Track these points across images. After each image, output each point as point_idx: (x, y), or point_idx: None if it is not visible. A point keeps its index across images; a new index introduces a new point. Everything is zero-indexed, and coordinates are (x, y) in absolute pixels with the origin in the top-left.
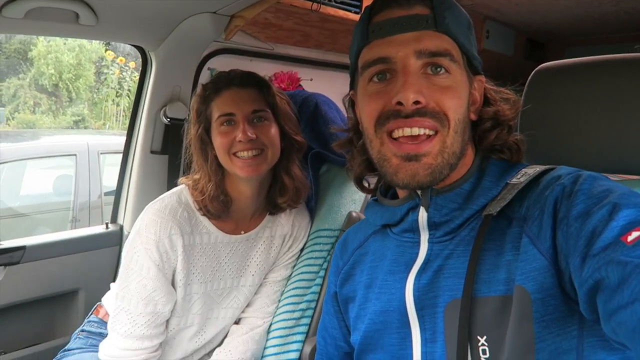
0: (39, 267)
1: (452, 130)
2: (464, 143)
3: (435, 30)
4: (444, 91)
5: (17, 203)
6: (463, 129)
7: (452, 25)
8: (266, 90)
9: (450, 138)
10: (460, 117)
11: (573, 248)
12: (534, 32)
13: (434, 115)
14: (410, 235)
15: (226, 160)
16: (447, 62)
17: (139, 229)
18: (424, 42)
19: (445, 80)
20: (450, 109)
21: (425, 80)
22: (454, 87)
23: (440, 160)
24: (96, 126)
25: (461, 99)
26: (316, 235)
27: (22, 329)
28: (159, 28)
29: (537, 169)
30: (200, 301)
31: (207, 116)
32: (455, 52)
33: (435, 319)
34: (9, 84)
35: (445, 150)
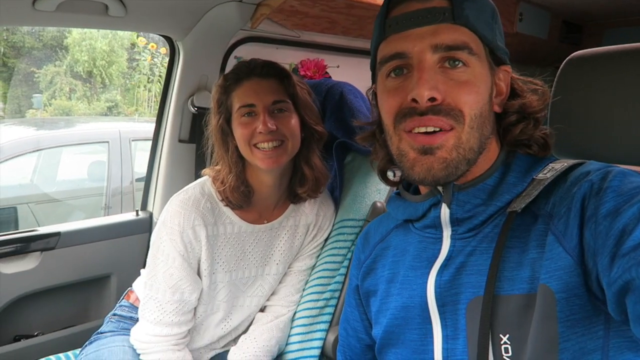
0: (73, 253)
1: (467, 126)
2: (483, 138)
3: (452, 23)
4: (461, 86)
5: (54, 188)
6: (481, 124)
7: (472, 16)
8: (287, 80)
9: (465, 134)
10: (477, 112)
11: (602, 247)
12: (570, 14)
13: (448, 112)
14: (432, 231)
15: (247, 151)
16: (465, 56)
17: (164, 220)
18: (441, 35)
19: (463, 75)
20: (466, 105)
21: (442, 74)
22: (472, 81)
23: (455, 155)
24: (128, 112)
25: (479, 94)
26: (340, 225)
27: (58, 311)
28: (186, 18)
29: (564, 164)
30: (225, 289)
31: (227, 107)
32: (474, 44)
33: (457, 316)
34: (45, 71)
35: (461, 146)
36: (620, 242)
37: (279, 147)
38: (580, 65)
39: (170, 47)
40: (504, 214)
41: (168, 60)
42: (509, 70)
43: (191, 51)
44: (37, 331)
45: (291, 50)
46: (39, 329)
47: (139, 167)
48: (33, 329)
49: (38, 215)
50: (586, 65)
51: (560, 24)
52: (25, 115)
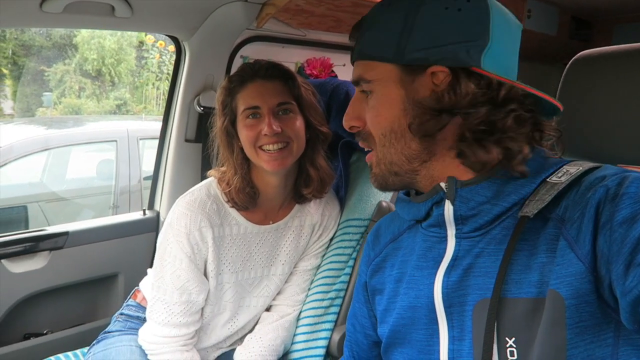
0: (81, 252)
1: (379, 145)
2: (408, 150)
3: (356, 60)
4: (368, 112)
5: (64, 187)
6: (397, 138)
7: (368, 46)
8: (291, 82)
9: (380, 151)
10: (385, 131)
11: (616, 255)
12: (580, 10)
13: (365, 138)
14: (437, 230)
15: (252, 153)
16: (365, 86)
17: (171, 222)
18: (352, 73)
19: (370, 101)
20: (372, 127)
21: (365, 103)
22: (374, 105)
23: (378, 170)
24: (137, 110)
25: (382, 115)
26: (346, 225)
27: (66, 310)
28: (191, 18)
29: (579, 167)
30: (231, 290)
31: (232, 108)
32: (371, 72)
33: (464, 318)
34: (55, 69)
35: (381, 161)
36: (636, 250)
37: (284, 148)
38: (587, 65)
39: (177, 47)
40: (514, 217)
41: (174, 60)
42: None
43: (197, 51)
44: (46, 329)
45: (297, 49)
46: (48, 327)
47: (147, 166)
48: (42, 328)
49: (48, 213)
50: (593, 65)
51: (569, 20)
52: (36, 113)
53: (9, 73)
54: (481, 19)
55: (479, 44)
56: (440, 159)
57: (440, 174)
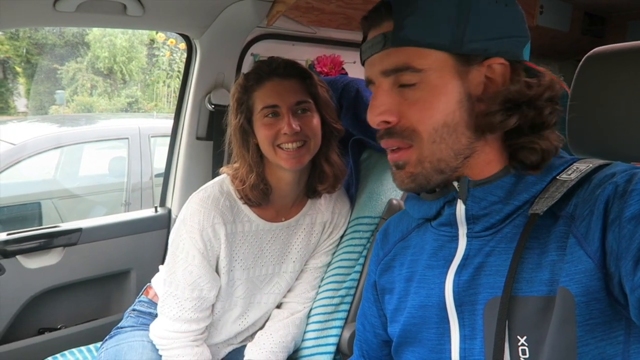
0: (94, 248)
1: (427, 142)
2: (458, 145)
3: (394, 46)
4: (412, 105)
5: (76, 184)
6: (449, 133)
7: (414, 31)
8: (309, 80)
9: (427, 148)
10: (437, 125)
11: (625, 251)
12: (593, 5)
13: (401, 134)
14: (448, 229)
15: (270, 152)
16: (410, 76)
17: (184, 218)
18: (385, 61)
19: (415, 93)
20: (419, 122)
21: (398, 95)
22: (424, 97)
23: (420, 169)
24: (148, 107)
25: (434, 108)
26: (356, 223)
27: (80, 305)
28: (202, 16)
29: (589, 164)
30: (243, 286)
31: (249, 106)
32: (421, 59)
33: (475, 316)
34: (67, 67)
35: (425, 160)
36: None
37: (302, 147)
38: (601, 62)
39: (188, 45)
40: (524, 215)
41: (185, 58)
42: (503, 62)
43: (208, 49)
44: (60, 324)
45: (307, 47)
46: (62, 322)
47: (158, 163)
48: (56, 323)
49: (61, 210)
50: (606, 62)
51: (582, 16)
52: (49, 111)
53: (22, 71)
54: (521, 15)
55: (522, 40)
56: (478, 156)
57: (470, 170)
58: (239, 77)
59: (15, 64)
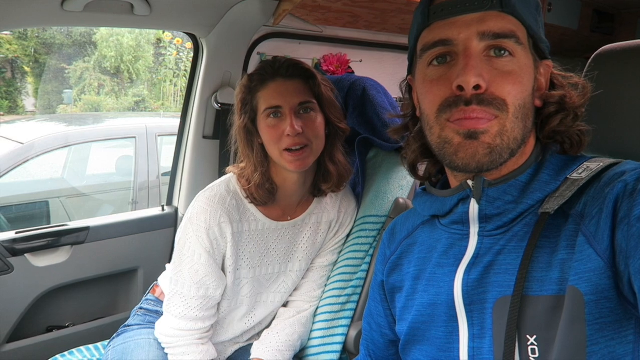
0: (102, 247)
1: (512, 115)
2: (526, 130)
3: (500, 11)
4: (506, 76)
5: (84, 183)
6: (525, 115)
7: (520, 5)
8: (312, 80)
9: (510, 122)
10: (521, 103)
11: (634, 250)
12: (602, 3)
13: (491, 102)
14: (460, 227)
15: (276, 154)
16: (512, 45)
17: (190, 217)
18: (488, 23)
19: (509, 64)
20: (510, 94)
21: (487, 63)
22: (517, 71)
23: (499, 142)
24: (155, 106)
25: (524, 84)
26: (363, 222)
27: (88, 303)
28: (209, 15)
29: (600, 163)
30: (249, 285)
31: (253, 107)
32: (521, 34)
33: (484, 315)
34: (75, 67)
35: (505, 133)
36: None
37: (306, 148)
38: (610, 59)
39: (194, 44)
40: (535, 213)
41: (192, 57)
42: (550, 65)
43: (215, 48)
44: (68, 322)
45: (314, 45)
46: (70, 320)
47: (165, 162)
48: (64, 320)
49: (69, 209)
50: (616, 59)
51: (592, 13)
52: (57, 110)
53: (30, 71)
54: None
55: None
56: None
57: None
58: (243, 78)
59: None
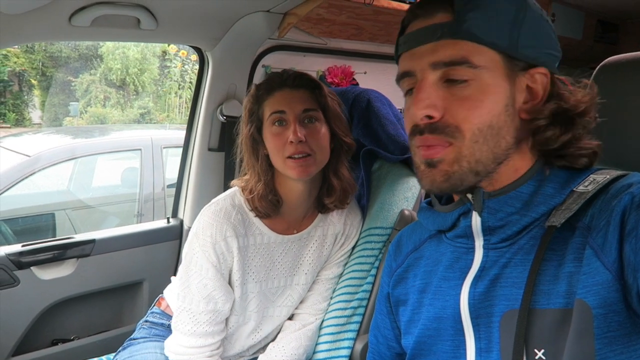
0: (107, 259)
1: (468, 140)
2: (498, 149)
3: (451, 39)
4: (461, 102)
5: (90, 195)
6: (493, 135)
7: (477, 26)
8: (318, 90)
9: (467, 147)
10: (482, 126)
11: None
12: (606, 13)
13: (443, 130)
14: (464, 240)
15: (279, 162)
16: (464, 71)
17: (196, 232)
18: (438, 53)
19: (465, 90)
20: (465, 120)
21: (444, 91)
22: (474, 95)
23: (457, 168)
24: (160, 118)
25: (484, 107)
26: (368, 234)
27: (93, 316)
28: (214, 29)
29: (606, 176)
30: (256, 299)
31: (259, 115)
32: (479, 56)
33: (491, 329)
34: (81, 79)
35: (463, 159)
36: None
37: (308, 157)
38: (616, 70)
39: (200, 57)
40: (541, 226)
41: (198, 69)
42: (546, 72)
43: (220, 61)
44: (73, 335)
45: (318, 58)
46: (75, 333)
47: (170, 174)
48: (70, 333)
49: (74, 221)
50: (622, 70)
51: (595, 24)
52: (63, 122)
53: (37, 84)
54: (555, 34)
55: (558, 56)
56: (509, 162)
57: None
58: (251, 88)
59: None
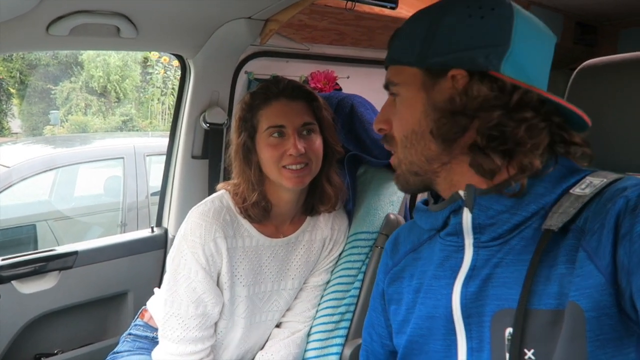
0: (90, 271)
1: (400, 147)
2: (428, 151)
3: (385, 66)
4: (393, 115)
5: (72, 205)
6: (418, 140)
7: (395, 52)
8: (315, 103)
9: (400, 153)
10: (407, 133)
11: (636, 266)
12: (584, 15)
13: (387, 140)
14: (454, 238)
15: (274, 171)
16: (393, 89)
17: (184, 234)
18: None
19: (397, 105)
20: (396, 130)
21: (392, 107)
22: (398, 109)
23: (400, 172)
24: (143, 125)
25: (404, 118)
26: (354, 238)
27: (77, 329)
28: (196, 36)
29: (603, 179)
30: (244, 304)
31: (253, 124)
32: (398, 76)
33: (482, 328)
34: (62, 87)
35: (402, 162)
36: None
37: (305, 167)
38: (594, 74)
39: (182, 65)
40: (532, 227)
41: (180, 77)
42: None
43: (202, 68)
44: (57, 349)
45: (301, 63)
46: (58, 347)
47: (154, 181)
48: (53, 347)
49: (57, 232)
50: (599, 74)
51: (574, 26)
52: (43, 131)
53: (16, 92)
54: (504, 26)
55: (499, 50)
56: (459, 164)
57: (460, 179)
58: (245, 96)
59: (9, 85)
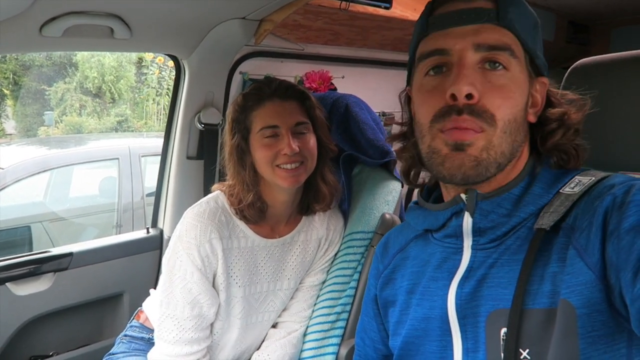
0: (86, 272)
1: (499, 130)
2: (515, 144)
3: (496, 24)
4: (497, 89)
5: (67, 206)
6: (515, 130)
7: (516, 20)
8: (308, 102)
9: (497, 137)
10: (512, 117)
11: (624, 262)
12: (576, 14)
13: (480, 114)
14: (453, 240)
15: (268, 171)
16: (506, 58)
17: (180, 235)
18: (483, 35)
19: (501, 78)
20: (499, 109)
21: (481, 75)
22: (509, 86)
23: (485, 156)
24: (138, 125)
25: (515, 99)
26: (350, 238)
27: (72, 331)
28: (190, 37)
29: (592, 177)
30: (239, 305)
31: (246, 125)
32: (516, 48)
33: (477, 329)
34: (56, 88)
35: (492, 148)
36: None
37: (300, 166)
38: (586, 73)
39: (176, 65)
40: (526, 227)
41: (174, 78)
42: (547, 83)
43: (197, 69)
44: (52, 351)
45: (296, 63)
46: (54, 349)
47: (150, 182)
48: (48, 349)
49: (51, 233)
50: (592, 73)
51: (567, 25)
52: (38, 132)
53: (10, 93)
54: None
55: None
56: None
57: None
58: (237, 97)
59: (3, 86)
